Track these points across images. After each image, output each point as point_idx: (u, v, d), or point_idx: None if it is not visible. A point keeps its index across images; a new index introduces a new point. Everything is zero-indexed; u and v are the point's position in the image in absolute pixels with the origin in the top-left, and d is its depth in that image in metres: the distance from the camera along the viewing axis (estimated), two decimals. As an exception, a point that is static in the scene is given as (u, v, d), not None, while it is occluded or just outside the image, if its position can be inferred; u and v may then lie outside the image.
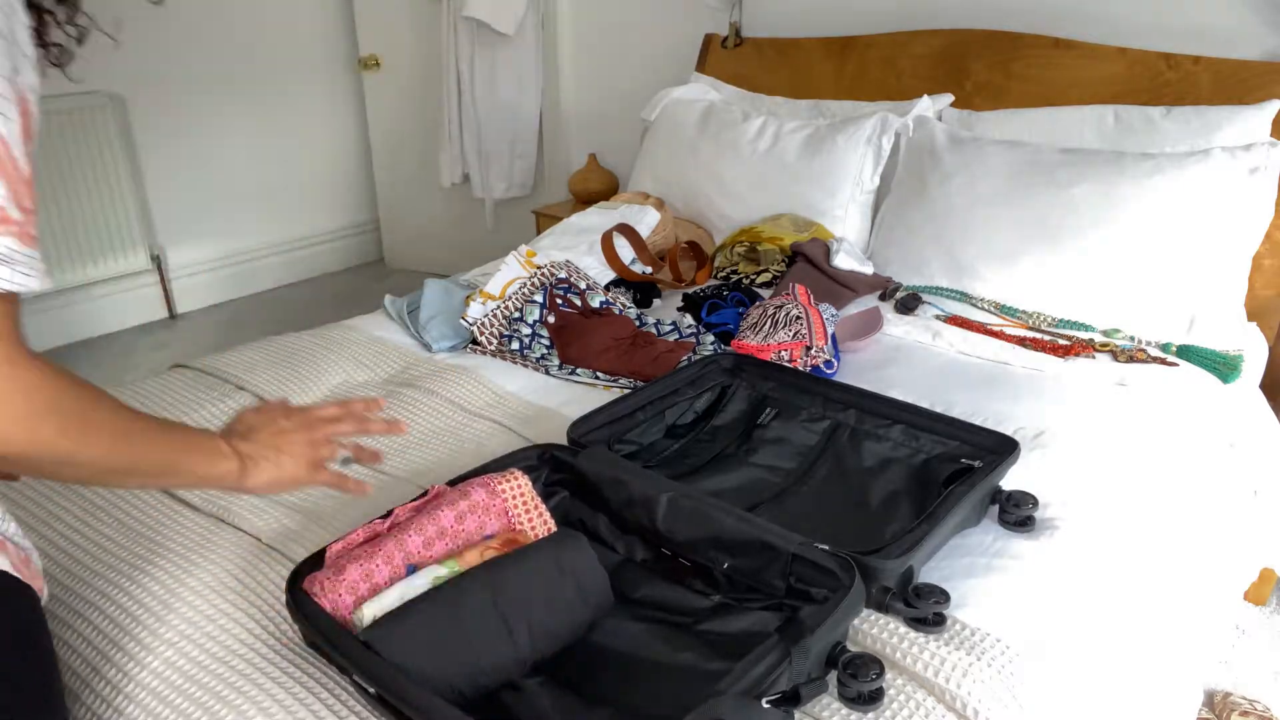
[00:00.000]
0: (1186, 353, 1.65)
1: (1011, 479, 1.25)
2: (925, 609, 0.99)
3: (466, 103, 3.43)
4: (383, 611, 0.91)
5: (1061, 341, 1.69)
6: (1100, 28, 2.08)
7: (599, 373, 1.66)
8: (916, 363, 1.67)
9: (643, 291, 2.02)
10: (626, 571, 1.12)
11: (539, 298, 1.74)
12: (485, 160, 3.50)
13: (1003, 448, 1.23)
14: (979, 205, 1.89)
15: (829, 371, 1.55)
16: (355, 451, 1.02)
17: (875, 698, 0.91)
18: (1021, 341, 1.69)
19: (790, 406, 1.43)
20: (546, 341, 1.70)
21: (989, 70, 2.18)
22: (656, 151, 2.54)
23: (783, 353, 1.52)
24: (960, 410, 1.45)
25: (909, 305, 1.86)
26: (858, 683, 0.89)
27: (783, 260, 2.06)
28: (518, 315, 1.72)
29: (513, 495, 1.08)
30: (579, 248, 2.11)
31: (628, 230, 2.11)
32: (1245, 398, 1.65)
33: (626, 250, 2.10)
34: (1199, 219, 1.70)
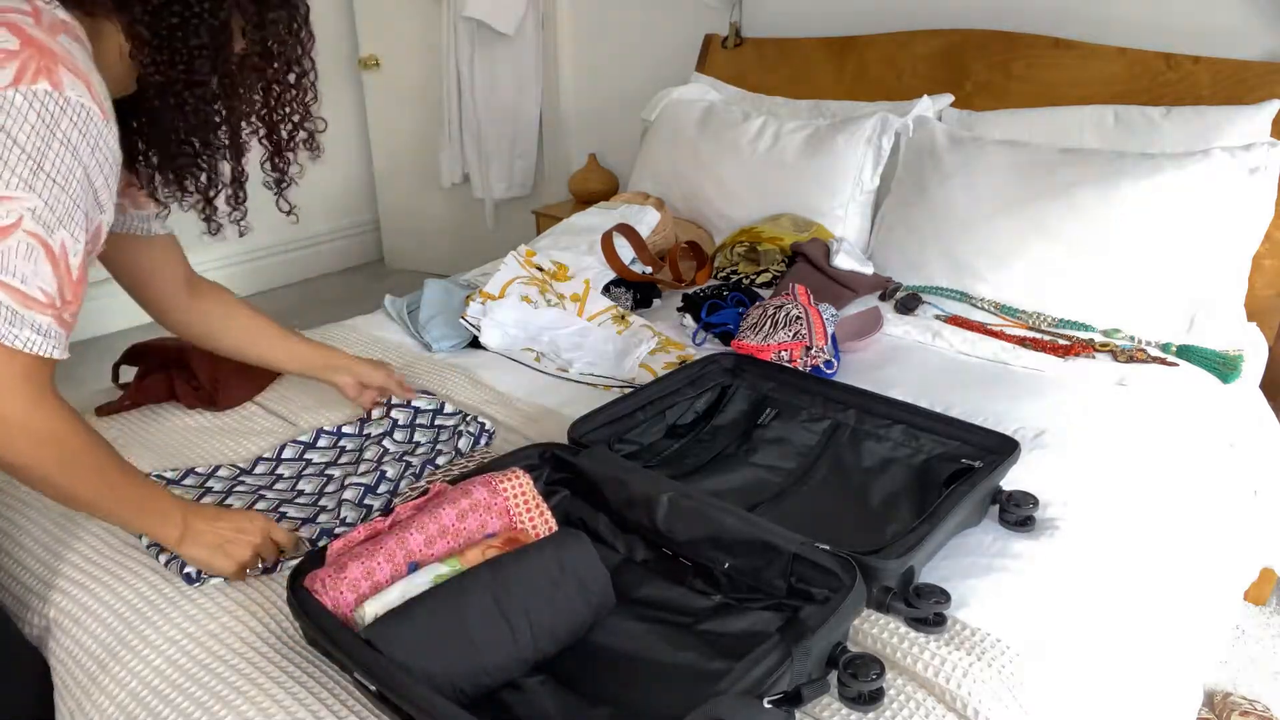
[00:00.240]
0: (1186, 353, 1.65)
1: (1012, 479, 1.25)
2: (926, 609, 0.99)
3: (466, 103, 3.43)
4: (384, 609, 0.91)
5: (1061, 341, 1.69)
6: (1100, 28, 2.08)
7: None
8: (916, 363, 1.67)
9: (643, 291, 2.02)
10: (627, 571, 1.12)
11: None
12: (485, 160, 3.50)
13: (1003, 448, 1.23)
14: (979, 205, 1.89)
15: (829, 371, 1.55)
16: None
17: (875, 698, 0.91)
18: (1021, 341, 1.69)
19: (790, 406, 1.43)
20: None
21: (989, 70, 2.18)
22: (656, 151, 2.54)
23: (783, 353, 1.52)
24: (960, 410, 1.45)
25: (909, 305, 1.87)
26: (858, 683, 0.89)
27: (783, 260, 2.06)
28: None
29: (514, 494, 1.08)
30: (579, 248, 2.11)
31: (628, 230, 2.11)
32: (1245, 398, 1.65)
33: (626, 250, 2.10)
34: (1199, 219, 1.70)
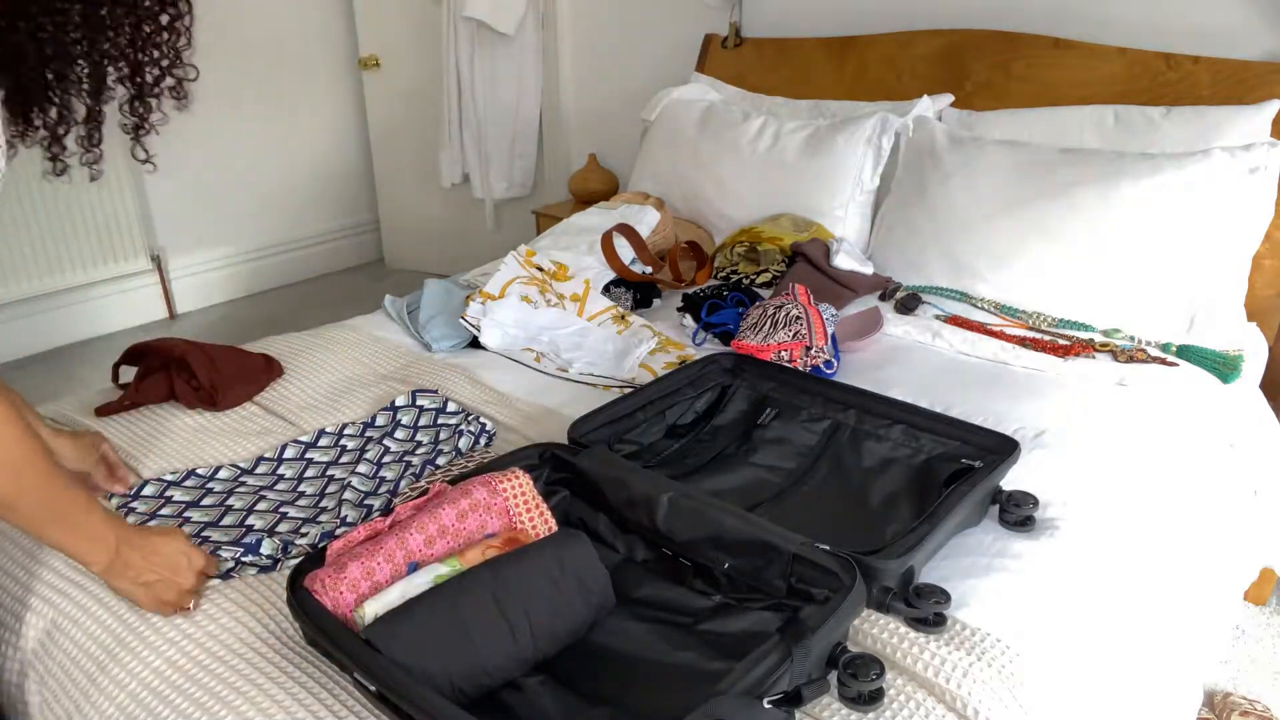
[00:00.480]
0: (1186, 353, 1.65)
1: (1012, 479, 1.25)
2: (926, 609, 0.99)
3: (466, 103, 3.43)
4: (384, 609, 0.91)
5: (1061, 341, 1.69)
6: (1100, 28, 2.08)
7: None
8: (916, 363, 1.67)
9: (643, 291, 2.02)
10: (627, 571, 1.12)
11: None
12: (485, 160, 3.50)
13: (1003, 448, 1.23)
14: (979, 205, 1.89)
15: (829, 371, 1.55)
16: None
17: (875, 698, 0.91)
18: (1021, 341, 1.69)
19: (790, 406, 1.43)
20: None
21: (989, 70, 2.18)
22: (656, 151, 2.54)
23: (783, 353, 1.52)
24: (960, 410, 1.45)
25: (909, 305, 1.87)
26: (858, 683, 0.89)
27: (783, 260, 2.06)
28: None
29: (514, 494, 1.08)
30: (579, 248, 2.11)
31: (628, 230, 2.11)
32: (1245, 398, 1.65)
33: (626, 250, 2.10)
34: (1199, 219, 1.70)
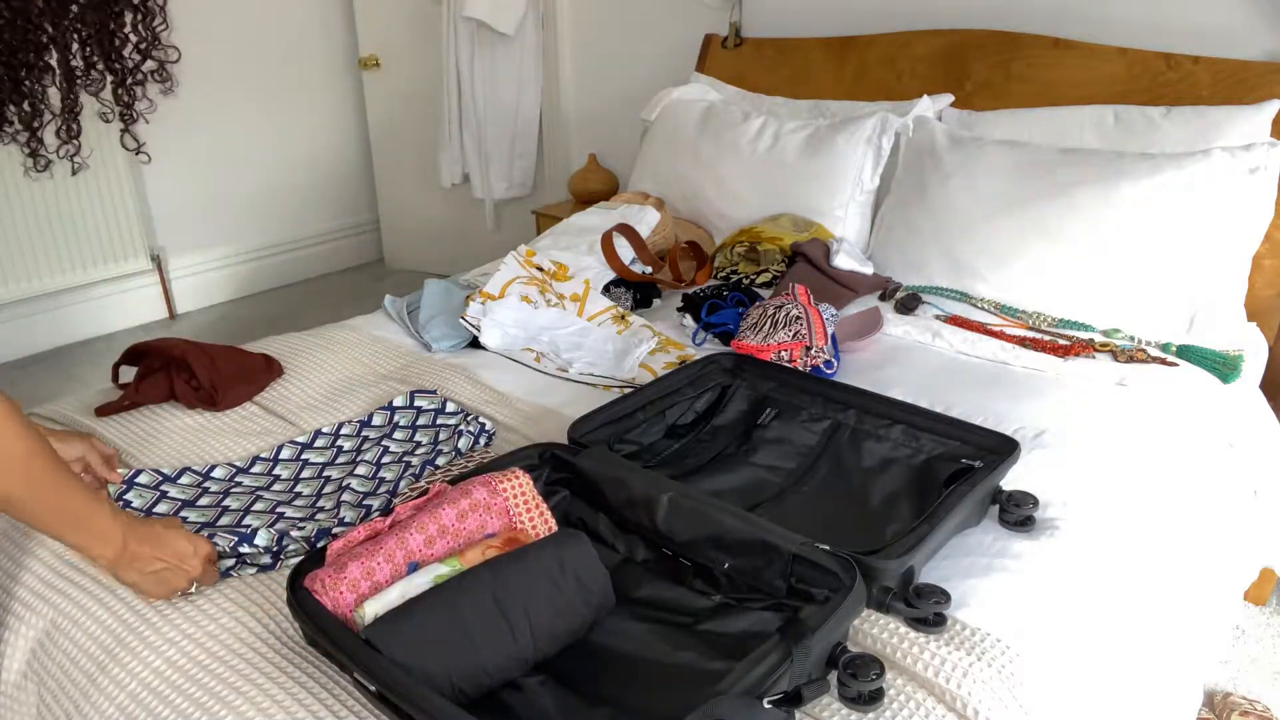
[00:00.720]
0: (1186, 353, 1.65)
1: (1012, 479, 1.25)
2: (926, 609, 0.99)
3: (466, 103, 3.43)
4: (384, 609, 0.91)
5: (1061, 341, 1.69)
6: (1100, 28, 2.08)
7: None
8: (916, 363, 1.67)
9: (643, 291, 2.02)
10: (627, 571, 1.12)
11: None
12: (485, 160, 3.50)
13: (1003, 448, 1.23)
14: (979, 205, 1.89)
15: (829, 372, 1.55)
16: None
17: (875, 698, 0.91)
18: (1021, 341, 1.69)
19: (790, 407, 1.43)
20: None
21: (989, 70, 2.18)
22: (656, 152, 2.54)
23: (783, 353, 1.52)
24: (960, 410, 1.45)
25: (909, 305, 1.87)
26: (858, 683, 0.89)
27: (783, 260, 2.06)
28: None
29: (514, 494, 1.08)
30: (579, 248, 2.11)
31: (628, 230, 2.11)
32: (1245, 398, 1.65)
33: (626, 250, 2.10)
34: (1199, 219, 1.70)
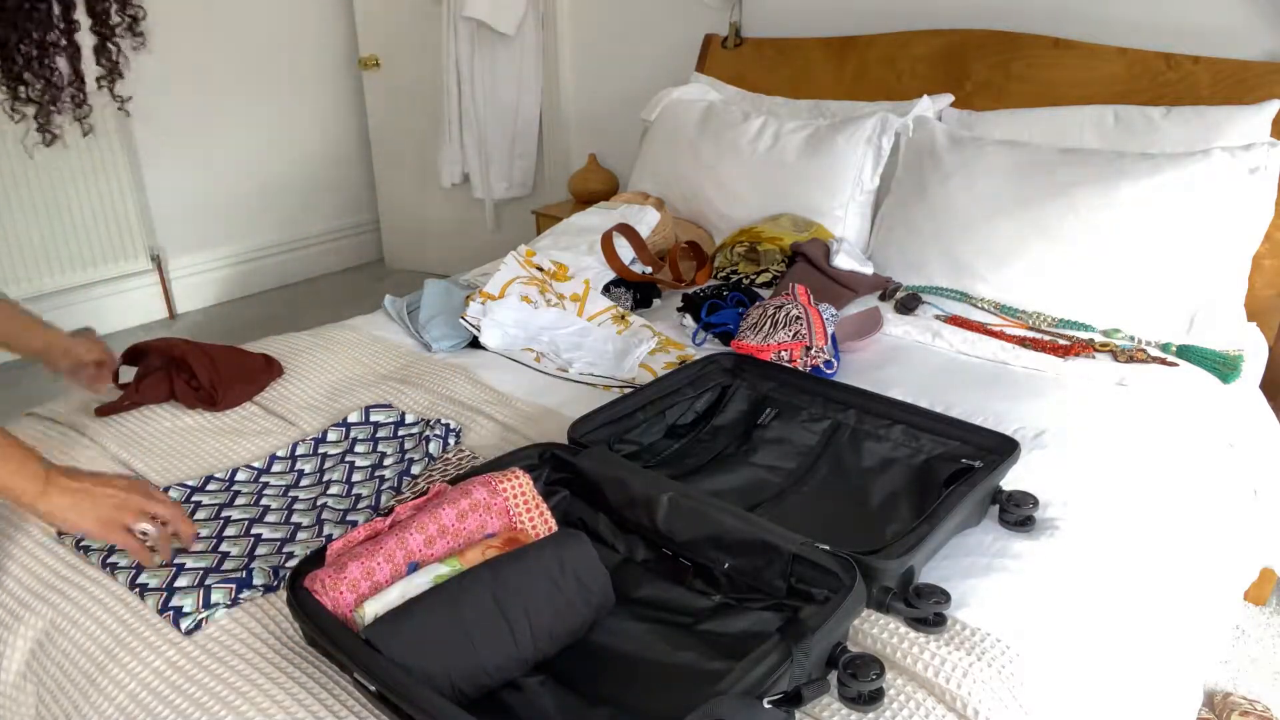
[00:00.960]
0: (1186, 353, 1.65)
1: (1012, 479, 1.25)
2: (926, 609, 0.99)
3: (466, 103, 3.43)
4: (384, 609, 0.91)
5: (1061, 341, 1.69)
6: (1100, 28, 2.08)
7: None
8: (916, 363, 1.67)
9: (643, 291, 2.02)
10: (627, 571, 1.12)
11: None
12: (485, 160, 3.50)
13: (1003, 448, 1.23)
14: (979, 205, 1.89)
15: (829, 371, 1.55)
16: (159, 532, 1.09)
17: (875, 698, 0.91)
18: (1021, 341, 1.69)
19: (790, 406, 1.43)
20: None
21: (989, 70, 2.18)
22: (656, 152, 2.54)
23: (783, 353, 1.52)
24: (960, 410, 1.45)
25: (909, 305, 1.87)
26: (858, 683, 0.89)
27: (783, 260, 2.06)
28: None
29: (514, 494, 1.08)
30: (579, 248, 2.11)
31: (628, 230, 2.11)
32: (1245, 398, 1.65)
33: (626, 250, 2.10)
34: (1199, 219, 1.70)
